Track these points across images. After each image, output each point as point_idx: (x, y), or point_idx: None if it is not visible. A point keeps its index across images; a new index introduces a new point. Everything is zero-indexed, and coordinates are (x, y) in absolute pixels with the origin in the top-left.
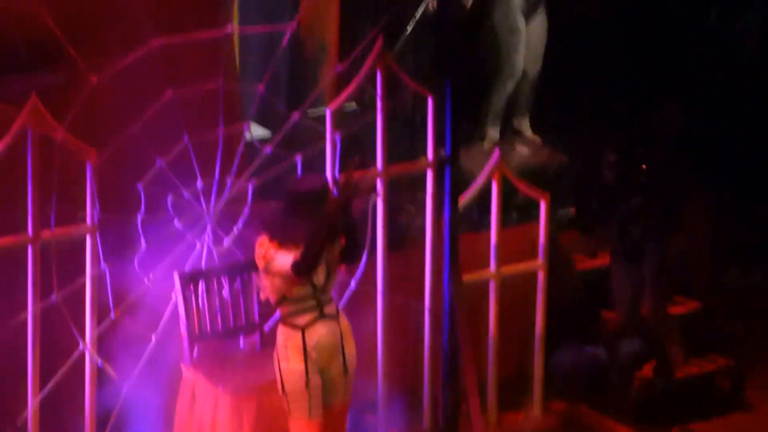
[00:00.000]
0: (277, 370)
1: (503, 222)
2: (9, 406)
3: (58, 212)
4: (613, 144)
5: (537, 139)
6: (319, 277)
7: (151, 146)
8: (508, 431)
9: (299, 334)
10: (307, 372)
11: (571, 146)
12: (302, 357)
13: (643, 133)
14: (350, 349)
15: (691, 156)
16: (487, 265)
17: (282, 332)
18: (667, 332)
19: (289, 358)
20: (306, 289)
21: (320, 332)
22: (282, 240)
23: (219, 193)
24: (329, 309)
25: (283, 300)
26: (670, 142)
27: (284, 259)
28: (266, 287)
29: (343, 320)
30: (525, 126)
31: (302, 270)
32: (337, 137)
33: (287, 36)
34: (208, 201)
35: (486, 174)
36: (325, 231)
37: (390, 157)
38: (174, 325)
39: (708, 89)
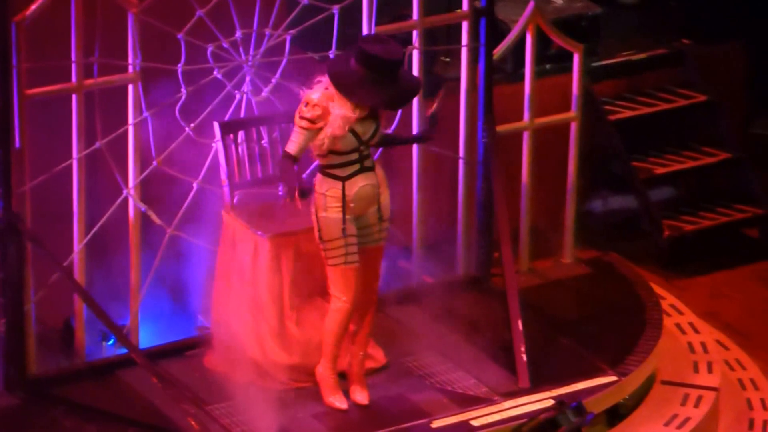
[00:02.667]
0: (314, 218)
1: (537, 73)
2: (56, 250)
3: (101, 60)
4: None
5: None
6: (366, 129)
7: None
8: (540, 278)
9: (339, 185)
10: (344, 221)
11: None
12: (341, 207)
13: None
14: (385, 198)
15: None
16: (521, 116)
17: (322, 182)
18: None
19: (327, 207)
20: (352, 142)
21: (359, 183)
22: (350, 97)
23: (257, 44)
24: (368, 161)
25: (327, 153)
26: None
27: (343, 111)
28: (304, 140)
29: (379, 171)
30: None
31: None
32: None
33: None
34: (246, 51)
35: (520, 25)
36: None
37: (426, 7)
38: (215, 174)
39: None
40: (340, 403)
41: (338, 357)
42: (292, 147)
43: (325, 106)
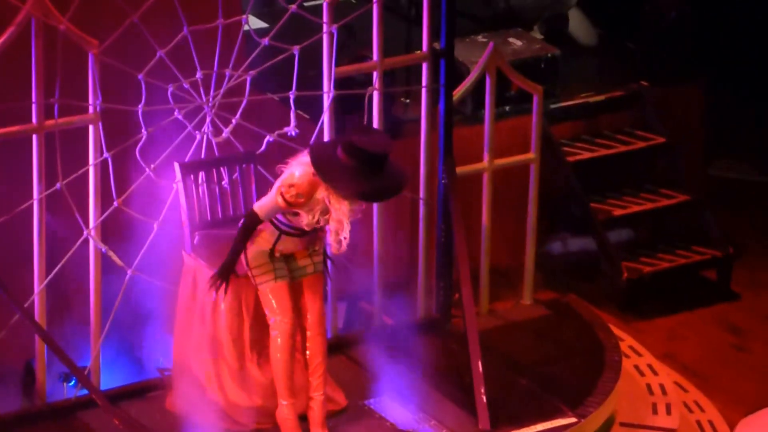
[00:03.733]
0: (243, 253)
1: (497, 115)
2: (16, 292)
3: (62, 101)
4: None
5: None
6: (316, 216)
7: (151, 37)
8: (500, 319)
9: (277, 233)
10: (272, 250)
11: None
12: (272, 243)
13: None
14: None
15: (683, 45)
16: (481, 157)
17: (265, 224)
18: None
19: (257, 241)
20: (300, 219)
21: (293, 243)
22: (332, 185)
23: (218, 85)
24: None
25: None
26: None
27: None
28: (274, 212)
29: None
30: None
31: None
32: (334, 29)
33: None
34: (207, 92)
35: (480, 67)
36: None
37: (385, 50)
38: (175, 214)
39: None
40: None
41: (297, 394)
42: (262, 212)
43: (309, 192)
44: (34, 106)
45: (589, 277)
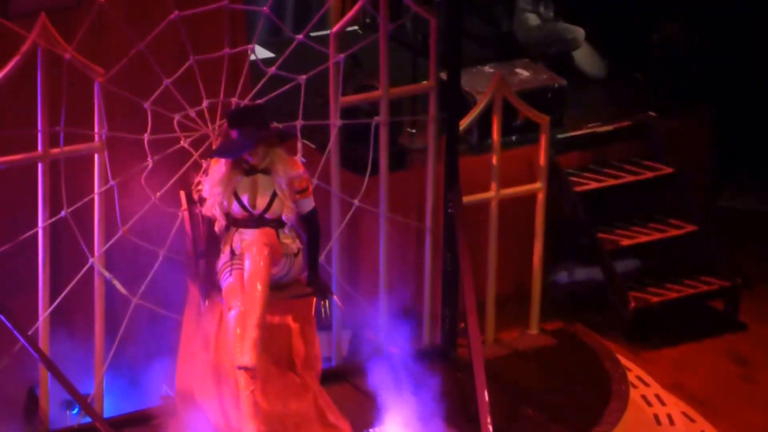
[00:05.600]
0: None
1: (503, 144)
2: (21, 318)
3: (67, 130)
4: None
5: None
6: (256, 202)
7: (157, 66)
8: (506, 349)
9: (234, 231)
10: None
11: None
12: (230, 246)
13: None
14: (286, 246)
15: (690, 76)
16: (487, 187)
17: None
18: None
19: (222, 251)
20: (239, 211)
21: (250, 233)
22: (216, 153)
23: (224, 114)
24: (266, 222)
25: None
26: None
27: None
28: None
29: (285, 231)
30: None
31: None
32: (340, 59)
33: None
34: (213, 121)
35: (487, 96)
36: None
37: (392, 79)
38: (181, 242)
39: (710, 8)
40: None
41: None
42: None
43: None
44: (39, 134)
45: (596, 306)
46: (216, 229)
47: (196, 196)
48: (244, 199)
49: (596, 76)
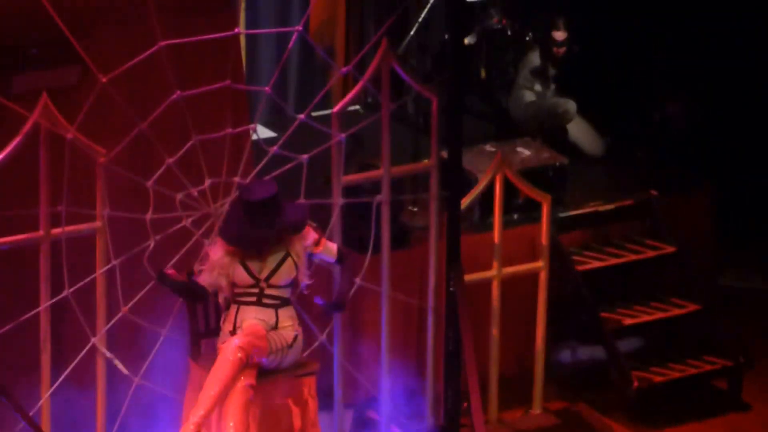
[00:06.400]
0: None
1: (505, 223)
2: (22, 399)
3: (69, 210)
4: None
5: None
6: (262, 267)
7: (159, 146)
8: (509, 429)
9: (234, 308)
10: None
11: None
12: (231, 327)
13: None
14: (277, 338)
15: (691, 154)
16: (489, 265)
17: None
18: None
19: (222, 329)
20: (245, 277)
21: (252, 314)
22: (229, 240)
23: (226, 193)
24: (269, 300)
25: (233, 285)
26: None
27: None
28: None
29: (287, 313)
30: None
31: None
32: (342, 138)
33: (294, 39)
34: (215, 200)
35: (488, 175)
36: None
37: (393, 158)
38: (183, 321)
39: (711, 87)
40: None
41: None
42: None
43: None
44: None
45: (599, 386)
46: (220, 300)
47: (197, 269)
48: (251, 265)
49: (596, 154)
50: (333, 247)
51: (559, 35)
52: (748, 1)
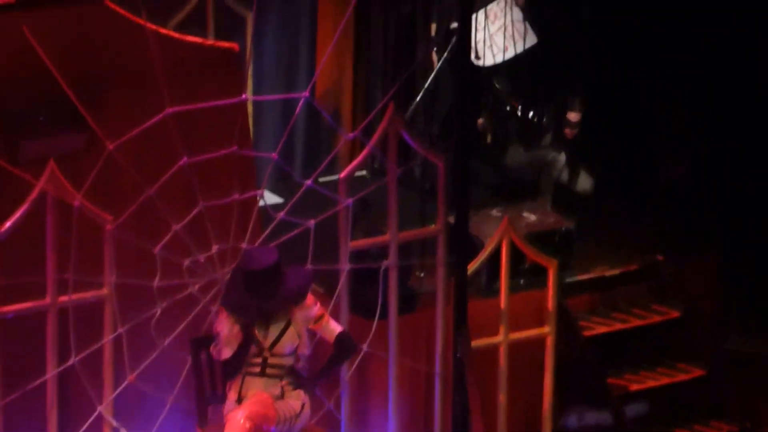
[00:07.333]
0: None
1: (511, 288)
2: None
3: (76, 278)
4: None
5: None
6: (266, 335)
7: (167, 211)
8: None
9: (240, 379)
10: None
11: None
12: (236, 396)
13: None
14: (283, 408)
15: (697, 218)
16: (496, 330)
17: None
18: None
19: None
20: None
21: (258, 385)
22: (231, 310)
23: (233, 259)
24: (274, 370)
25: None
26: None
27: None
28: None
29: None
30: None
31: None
32: (349, 204)
33: (301, 104)
34: (222, 266)
35: (494, 240)
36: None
37: (399, 223)
38: (189, 388)
39: (718, 150)
40: None
41: None
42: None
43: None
44: (48, 282)
45: None
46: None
47: (213, 351)
48: (257, 334)
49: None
50: (334, 329)
51: (574, 116)
52: (752, 64)
